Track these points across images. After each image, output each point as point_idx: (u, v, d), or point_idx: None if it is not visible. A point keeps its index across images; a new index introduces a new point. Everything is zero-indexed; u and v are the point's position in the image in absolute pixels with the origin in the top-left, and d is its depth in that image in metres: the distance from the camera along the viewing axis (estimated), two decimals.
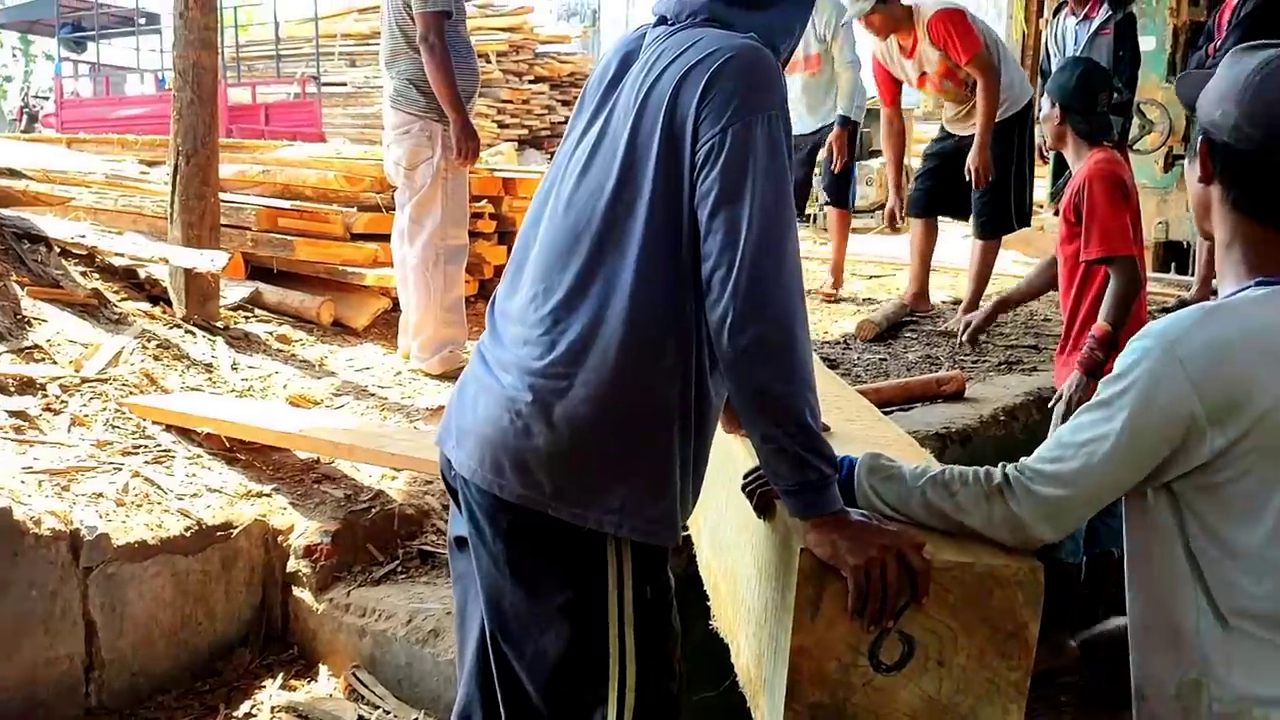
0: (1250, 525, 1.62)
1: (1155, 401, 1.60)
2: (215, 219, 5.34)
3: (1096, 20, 6.46)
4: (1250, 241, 1.68)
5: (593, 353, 1.76)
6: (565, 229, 1.82)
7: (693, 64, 1.76)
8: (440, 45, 4.89)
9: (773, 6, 1.87)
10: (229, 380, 4.71)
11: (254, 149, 7.88)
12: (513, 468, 1.80)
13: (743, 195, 1.68)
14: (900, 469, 1.79)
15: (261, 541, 3.65)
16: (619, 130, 1.81)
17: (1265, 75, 1.63)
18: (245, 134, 12.57)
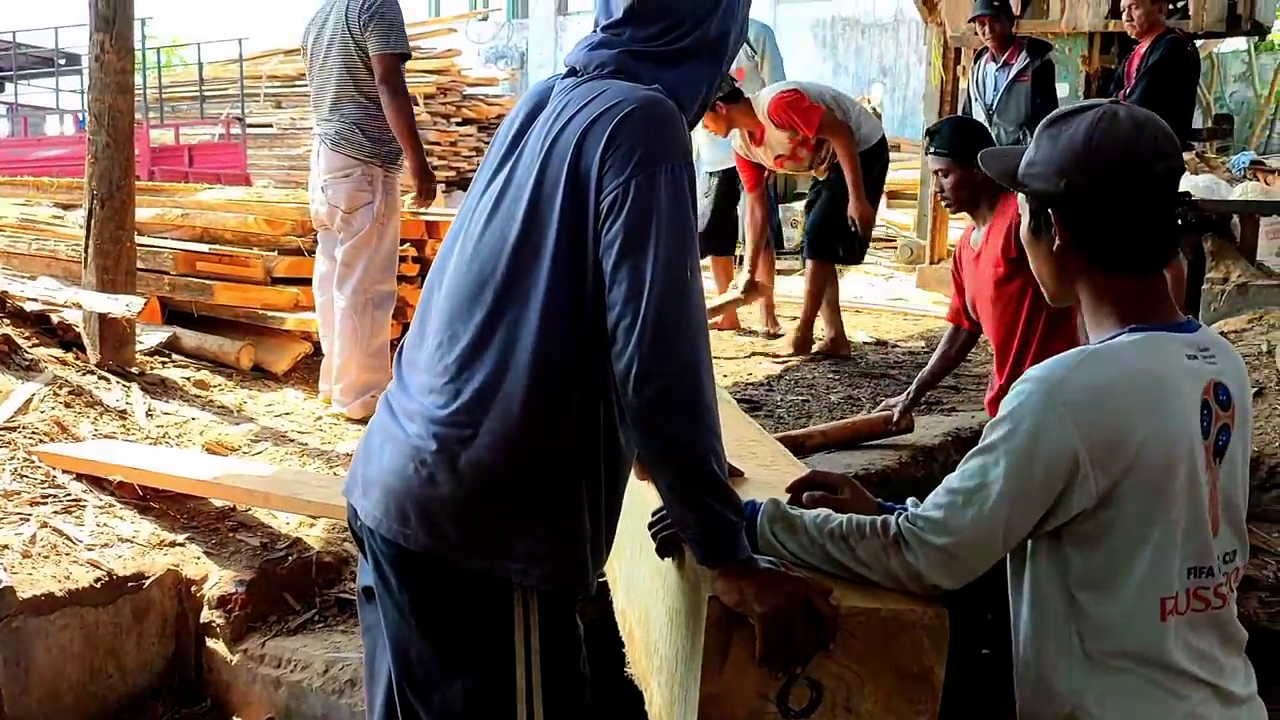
0: (1128, 565, 1.66)
1: (1040, 445, 1.63)
2: (131, 263, 5.26)
3: (1015, 67, 6.63)
4: (1121, 294, 1.73)
5: (498, 401, 1.75)
6: (470, 277, 1.82)
7: (597, 114, 1.77)
8: (402, 87, 4.92)
9: (682, 64, 1.87)
10: (144, 427, 4.64)
11: (173, 192, 7.79)
12: (418, 517, 1.78)
13: (646, 246, 1.68)
14: (802, 519, 1.80)
15: (174, 592, 3.59)
16: (524, 179, 1.81)
17: (1100, 139, 1.68)
18: (168, 176, 12.42)
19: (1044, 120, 1.80)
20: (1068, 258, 1.75)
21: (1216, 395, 1.70)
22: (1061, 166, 1.71)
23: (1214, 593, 1.70)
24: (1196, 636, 1.69)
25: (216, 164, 13.79)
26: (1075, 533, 1.68)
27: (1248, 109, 18.82)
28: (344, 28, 4.97)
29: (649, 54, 1.86)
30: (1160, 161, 1.68)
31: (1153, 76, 6.12)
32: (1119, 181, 1.68)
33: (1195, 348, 1.71)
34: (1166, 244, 1.74)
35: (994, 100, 6.73)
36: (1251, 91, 19.09)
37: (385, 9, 4.88)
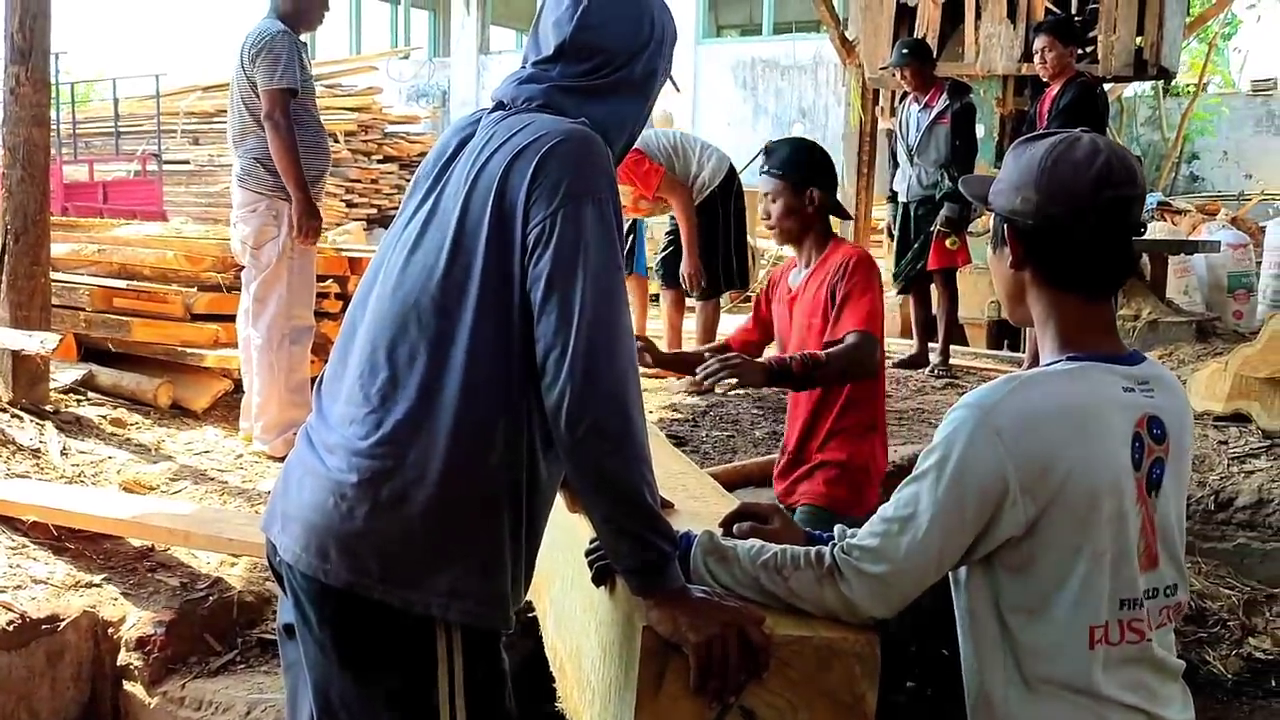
0: (1056, 593, 1.68)
1: (972, 470, 1.66)
2: (46, 299, 5.17)
3: (936, 109, 6.75)
4: (1064, 315, 1.78)
5: (420, 434, 1.74)
6: (393, 309, 1.81)
7: (523, 146, 1.78)
8: (285, 123, 4.85)
9: (609, 99, 1.89)
10: (58, 466, 4.53)
11: (90, 227, 7.66)
12: (338, 552, 1.76)
13: (574, 279, 1.69)
14: (735, 550, 1.81)
15: (90, 634, 3.51)
16: (449, 210, 1.81)
17: (1056, 159, 1.74)
18: (82, 212, 12.19)
19: (1016, 141, 1.86)
20: (1020, 274, 1.80)
21: (1150, 429, 1.73)
22: (1019, 183, 1.77)
23: (1147, 624, 1.72)
24: (1130, 667, 1.71)
25: (132, 201, 13.56)
26: (1005, 560, 1.70)
27: (1155, 152, 19.34)
28: (239, 63, 4.98)
29: (578, 89, 1.89)
30: (1110, 188, 1.72)
31: (1065, 118, 6.26)
32: (1067, 200, 1.72)
33: (1134, 380, 1.75)
34: (1116, 269, 1.79)
35: (915, 141, 6.85)
36: (1159, 135, 19.62)
37: (273, 44, 4.86)
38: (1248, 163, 19.04)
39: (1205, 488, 5.04)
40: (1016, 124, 7.89)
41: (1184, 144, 19.38)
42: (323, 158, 5.19)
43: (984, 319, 8.42)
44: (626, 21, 1.91)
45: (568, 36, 1.89)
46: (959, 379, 6.86)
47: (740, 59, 20.90)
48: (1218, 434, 5.64)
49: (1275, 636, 4.60)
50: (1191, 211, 13.57)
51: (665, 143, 6.43)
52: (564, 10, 1.90)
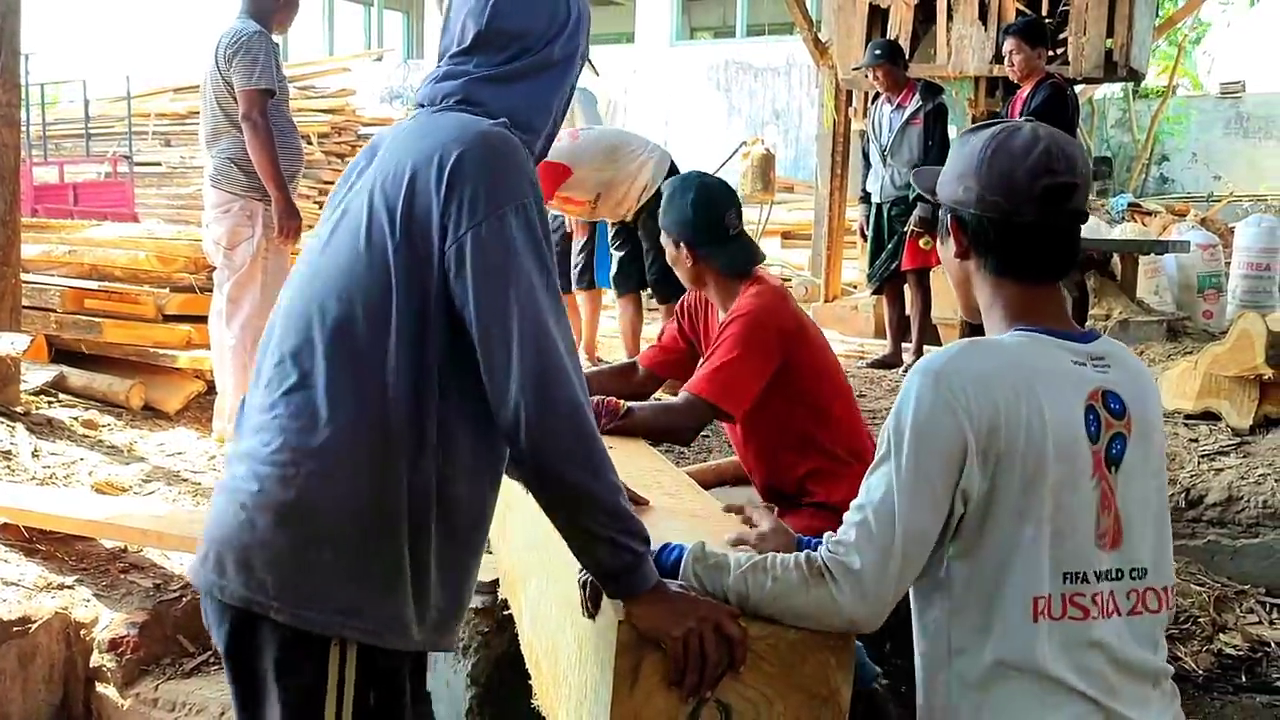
0: (1002, 564, 1.69)
1: (932, 433, 1.67)
2: (16, 300, 5.13)
3: (908, 110, 6.77)
4: (1008, 299, 1.80)
5: (318, 444, 1.68)
6: (298, 316, 1.76)
7: (431, 153, 1.71)
8: (263, 123, 4.83)
9: (530, 83, 1.85)
10: (29, 468, 4.50)
11: (60, 229, 7.61)
12: (236, 566, 1.70)
13: (508, 294, 1.65)
14: (725, 558, 1.79)
15: (63, 636, 3.49)
16: (356, 220, 1.75)
17: (995, 149, 1.76)
18: (52, 214, 12.09)
19: (961, 132, 1.88)
20: (965, 263, 1.83)
21: (1106, 402, 1.74)
22: (961, 172, 1.80)
23: (1100, 605, 1.71)
24: (1078, 650, 1.69)
25: (103, 202, 13.46)
26: (958, 538, 1.71)
27: (1125, 154, 19.49)
28: (214, 63, 4.96)
29: (496, 78, 1.84)
30: (1047, 176, 1.74)
31: (1037, 118, 6.31)
32: (1006, 188, 1.75)
33: (1086, 356, 1.76)
34: (1057, 257, 1.80)
35: (888, 141, 6.88)
36: (1129, 136, 19.77)
37: (250, 44, 4.85)
38: (1217, 164, 19.22)
39: (1176, 485, 5.08)
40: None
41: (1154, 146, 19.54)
42: (296, 159, 5.18)
43: (957, 319, 8.44)
44: (541, 4, 1.86)
45: (483, 26, 1.84)
46: None
47: (714, 61, 20.94)
48: (1188, 432, 5.69)
49: (1245, 633, 4.64)
50: (1161, 212, 13.67)
51: (599, 147, 6.25)
52: (476, 2, 1.85)
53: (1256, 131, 19.77)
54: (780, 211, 12.96)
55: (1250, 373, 5.73)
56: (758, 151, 10.75)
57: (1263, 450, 5.66)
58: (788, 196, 14.53)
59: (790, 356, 3.12)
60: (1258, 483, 5.39)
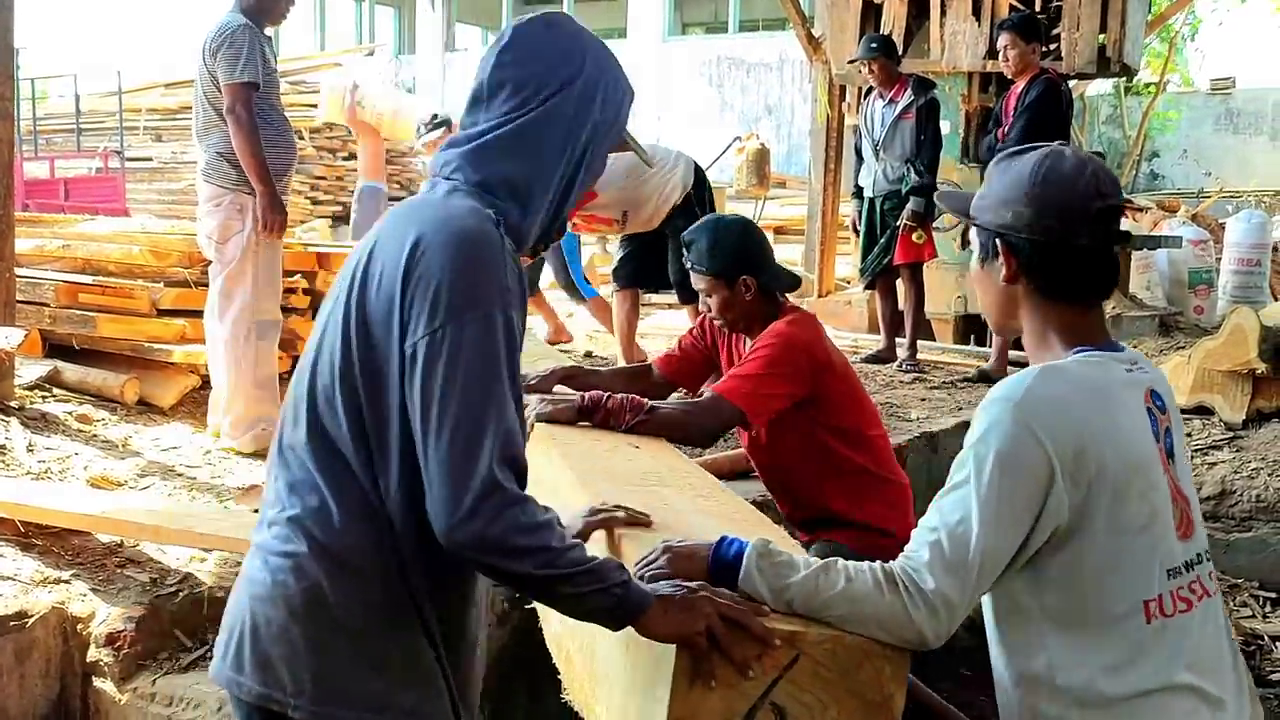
0: (1109, 575, 1.71)
1: (1015, 461, 1.68)
2: (10, 295, 5.12)
3: (900, 104, 6.79)
4: (1063, 322, 1.82)
5: (331, 539, 1.67)
6: (291, 406, 1.75)
7: (400, 245, 1.65)
8: (246, 116, 4.82)
9: (535, 142, 1.73)
10: (24, 462, 4.49)
11: (53, 223, 7.59)
12: (253, 663, 1.68)
13: (447, 398, 1.57)
14: (790, 556, 1.79)
15: (59, 631, 3.47)
16: (345, 309, 1.69)
17: (1045, 173, 1.78)
18: (43, 209, 12.07)
19: (996, 157, 1.91)
20: (1012, 287, 1.84)
21: (1154, 400, 1.79)
22: (1008, 198, 1.81)
23: (1190, 590, 1.75)
24: (1187, 641, 1.73)
25: (94, 198, 13.43)
26: (1051, 556, 1.72)
27: (1116, 150, 19.55)
28: (201, 58, 4.95)
29: (496, 138, 1.72)
30: (1100, 199, 1.77)
31: (1030, 114, 6.33)
32: (1060, 213, 1.76)
33: (1130, 362, 1.81)
34: (1105, 276, 1.83)
35: (881, 136, 6.89)
36: (1120, 133, 19.83)
37: (235, 37, 4.83)
38: (1207, 160, 19.30)
39: None
40: (982, 120, 7.95)
41: (1144, 142, 19.59)
42: (287, 153, 5.16)
43: (950, 314, 8.47)
44: (553, 53, 1.75)
45: (486, 76, 1.75)
46: (927, 373, 6.90)
47: (706, 56, 20.95)
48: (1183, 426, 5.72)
49: (1240, 627, 4.67)
50: (1152, 208, 13.71)
51: (620, 166, 5.99)
52: (486, 54, 1.78)
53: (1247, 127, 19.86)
54: (773, 207, 12.97)
55: (1243, 367, 5.76)
56: (753, 146, 10.78)
57: (1255, 444, 5.70)
58: (780, 192, 14.55)
59: (820, 388, 3.21)
60: (1251, 477, 5.42)
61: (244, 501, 4.40)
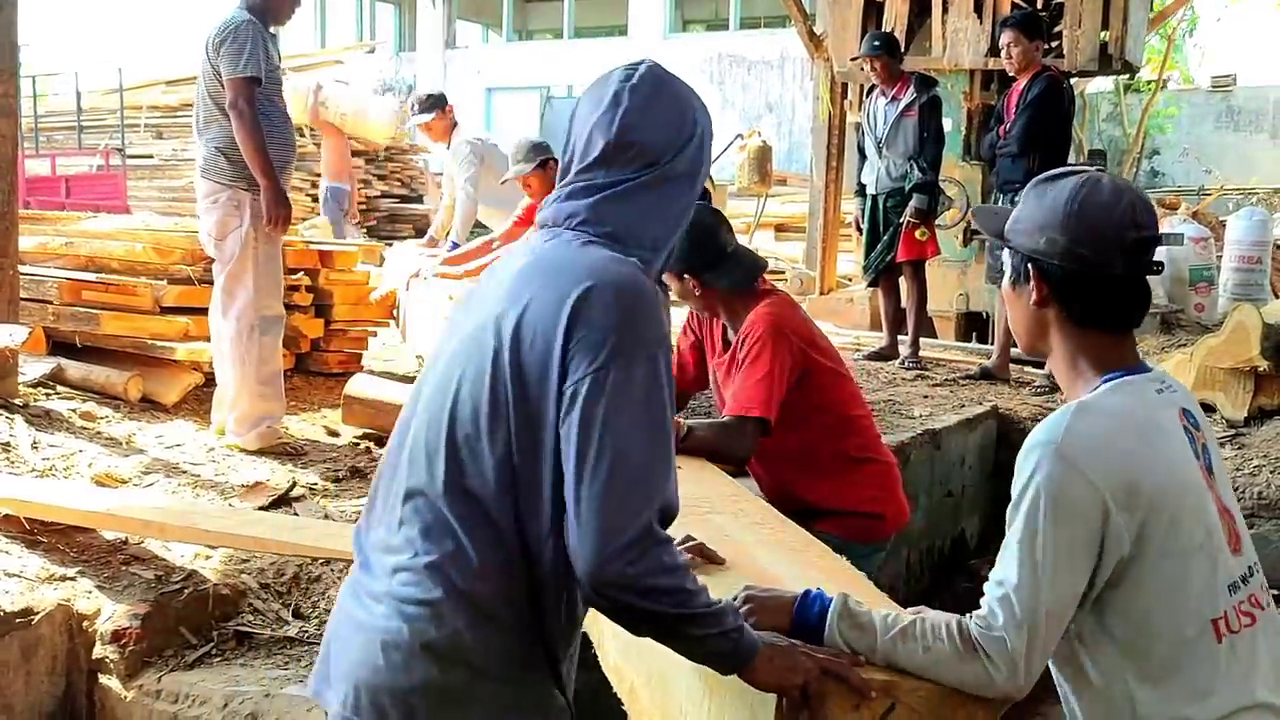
0: (1177, 599, 1.72)
1: (1068, 505, 1.68)
2: (14, 292, 5.12)
3: (903, 102, 6.79)
4: (1094, 348, 1.82)
5: (465, 585, 1.66)
6: (421, 451, 1.72)
7: (559, 294, 1.65)
8: (250, 111, 4.81)
9: (656, 198, 1.77)
10: (29, 460, 4.49)
11: (56, 220, 7.59)
12: (395, 710, 1.67)
13: (605, 437, 1.57)
14: (871, 618, 1.78)
15: (65, 627, 3.48)
16: (476, 356, 1.70)
17: (1081, 201, 1.78)
18: (44, 206, 12.08)
19: (1032, 180, 1.89)
20: (1043, 311, 1.84)
21: (1187, 419, 1.80)
22: (1043, 224, 1.81)
23: (1252, 604, 1.76)
24: (1258, 656, 1.74)
25: (95, 195, 13.44)
26: (1116, 588, 1.72)
27: (1116, 148, 19.55)
28: (204, 52, 4.93)
29: (622, 194, 1.76)
30: (1135, 230, 1.77)
31: (1032, 111, 6.34)
32: (1095, 241, 1.76)
33: (1158, 382, 1.82)
34: (1137, 305, 1.83)
35: (883, 134, 6.89)
36: (1120, 131, 19.83)
37: (239, 32, 4.82)
38: (1207, 158, 19.30)
39: None
40: (984, 118, 7.95)
41: (1145, 140, 19.59)
42: (288, 149, 5.14)
43: (953, 312, 8.48)
44: (670, 117, 1.79)
45: (611, 137, 1.76)
46: (929, 370, 6.91)
47: (707, 53, 20.96)
48: None
49: None
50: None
51: None
52: (603, 112, 1.77)
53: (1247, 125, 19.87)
54: (774, 204, 12.98)
55: (1245, 364, 5.76)
56: (754, 144, 10.77)
57: (1257, 442, 5.70)
58: (781, 189, 14.55)
59: (809, 364, 3.26)
60: (1253, 474, 5.42)
61: (248, 499, 4.41)
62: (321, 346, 6.46)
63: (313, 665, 1.87)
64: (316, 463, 4.98)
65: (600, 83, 1.82)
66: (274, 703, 3.22)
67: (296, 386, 6.24)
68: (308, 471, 4.84)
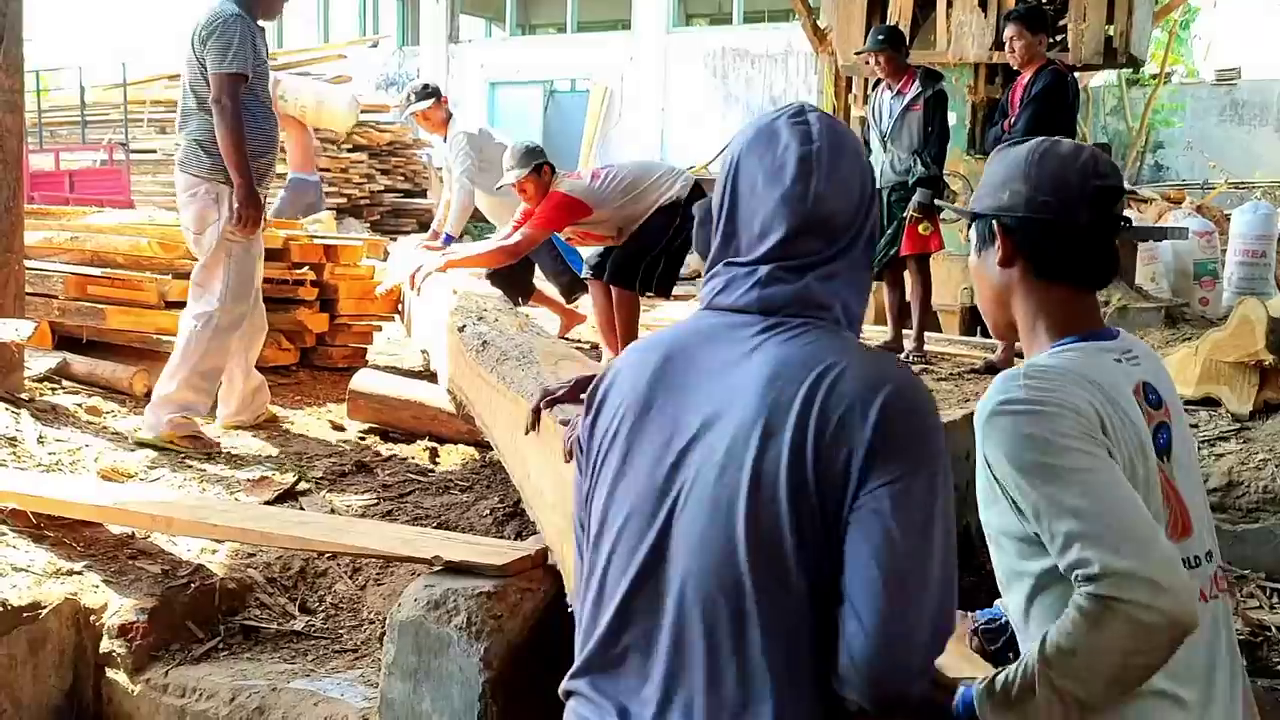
0: None
1: (1060, 431, 1.60)
2: (20, 287, 5.13)
3: (908, 96, 6.77)
4: (1057, 306, 1.79)
5: None
6: (690, 590, 1.52)
7: (845, 394, 1.49)
8: (232, 107, 4.77)
9: (850, 268, 1.61)
10: (35, 454, 4.50)
11: (61, 215, 7.60)
12: None
13: (909, 558, 1.45)
14: (998, 678, 1.63)
15: (72, 622, 3.49)
16: (727, 471, 1.50)
17: (1042, 154, 1.78)
18: (48, 201, 12.09)
19: (994, 149, 1.89)
20: (1009, 271, 1.81)
21: (1146, 395, 1.74)
22: (1005, 179, 1.80)
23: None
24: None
25: (98, 190, 13.45)
26: None
27: (1120, 141, 19.52)
28: (190, 44, 4.90)
29: (828, 273, 1.59)
30: (1097, 178, 1.75)
31: (1037, 105, 6.32)
32: (1057, 190, 1.75)
33: (1120, 352, 1.77)
34: (1103, 261, 1.80)
35: (888, 128, 6.88)
36: (1124, 124, 19.80)
37: (226, 27, 4.79)
38: (1212, 151, 19.26)
39: None
40: (989, 111, 7.94)
41: (1148, 133, 19.56)
42: (270, 145, 5.08)
43: (957, 306, 8.47)
44: (854, 181, 1.63)
45: (808, 210, 1.58)
46: (933, 364, 6.90)
47: (710, 48, 20.94)
48: (1188, 418, 5.70)
49: (1246, 617, 4.67)
50: (1157, 200, 13.70)
51: (619, 187, 6.10)
52: (790, 184, 1.59)
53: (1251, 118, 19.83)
54: None
55: (1251, 358, 5.75)
56: None
57: (1263, 436, 5.69)
58: None
59: None
60: (1258, 468, 5.42)
61: (254, 493, 4.42)
62: (326, 341, 6.47)
63: (319, 658, 1.84)
64: (322, 458, 4.99)
65: (767, 141, 1.63)
66: (281, 696, 3.23)
67: (301, 381, 6.25)
68: (314, 466, 4.85)
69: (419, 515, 4.23)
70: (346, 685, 3.25)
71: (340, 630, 3.66)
